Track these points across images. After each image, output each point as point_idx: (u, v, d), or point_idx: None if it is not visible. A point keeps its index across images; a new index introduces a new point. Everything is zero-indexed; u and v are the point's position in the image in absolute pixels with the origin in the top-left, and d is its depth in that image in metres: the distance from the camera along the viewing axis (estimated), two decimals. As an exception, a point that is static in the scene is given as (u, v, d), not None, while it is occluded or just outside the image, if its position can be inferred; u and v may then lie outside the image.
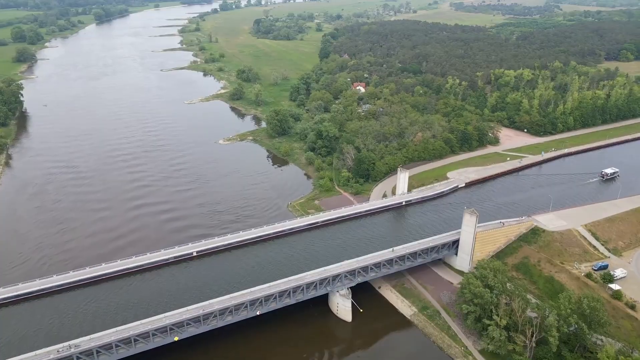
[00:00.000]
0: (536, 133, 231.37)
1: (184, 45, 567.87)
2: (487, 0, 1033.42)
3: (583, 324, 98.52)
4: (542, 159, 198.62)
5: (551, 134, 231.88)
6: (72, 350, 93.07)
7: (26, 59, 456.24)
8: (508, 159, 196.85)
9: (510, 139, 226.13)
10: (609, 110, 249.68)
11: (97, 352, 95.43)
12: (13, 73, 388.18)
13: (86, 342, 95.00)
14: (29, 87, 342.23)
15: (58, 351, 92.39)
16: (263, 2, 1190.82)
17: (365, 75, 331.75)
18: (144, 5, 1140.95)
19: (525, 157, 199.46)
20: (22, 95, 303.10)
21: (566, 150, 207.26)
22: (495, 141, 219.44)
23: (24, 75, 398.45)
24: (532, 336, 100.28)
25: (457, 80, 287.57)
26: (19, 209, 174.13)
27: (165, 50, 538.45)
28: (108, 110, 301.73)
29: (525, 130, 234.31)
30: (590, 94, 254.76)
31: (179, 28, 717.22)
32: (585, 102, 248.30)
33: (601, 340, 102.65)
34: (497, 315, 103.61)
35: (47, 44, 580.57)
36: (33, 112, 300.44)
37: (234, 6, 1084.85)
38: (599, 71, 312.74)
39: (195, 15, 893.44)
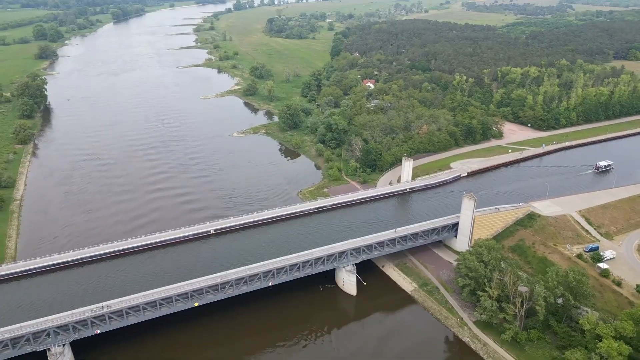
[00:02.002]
0: (539, 128, 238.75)
1: (199, 44, 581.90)
2: (500, 0, 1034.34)
3: (569, 295, 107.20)
4: (542, 151, 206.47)
5: (554, 128, 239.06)
6: (105, 310, 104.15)
7: (48, 56, 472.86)
8: (510, 151, 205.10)
9: (514, 133, 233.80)
10: (612, 106, 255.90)
11: (127, 312, 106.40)
12: (36, 69, 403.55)
13: (117, 303, 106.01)
14: (51, 83, 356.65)
15: (92, 310, 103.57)
16: (276, 2, 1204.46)
17: (375, 72, 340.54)
18: (160, 5, 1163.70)
19: (526, 149, 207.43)
20: (45, 89, 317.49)
21: (567, 144, 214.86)
22: (499, 135, 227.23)
23: (46, 72, 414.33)
24: (521, 306, 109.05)
25: (464, 77, 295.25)
26: (48, 193, 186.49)
27: (180, 48, 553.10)
28: (127, 104, 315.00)
29: (529, 125, 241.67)
30: (594, 91, 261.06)
31: (194, 27, 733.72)
32: (589, 98, 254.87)
33: (586, 311, 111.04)
34: (490, 287, 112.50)
35: (67, 42, 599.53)
36: (56, 105, 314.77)
37: (247, 6, 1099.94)
38: (605, 69, 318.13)
39: (210, 14, 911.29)
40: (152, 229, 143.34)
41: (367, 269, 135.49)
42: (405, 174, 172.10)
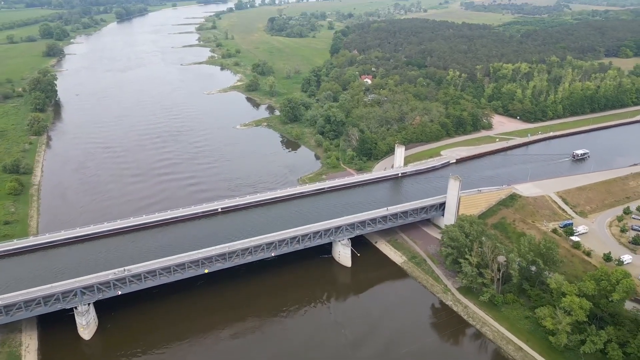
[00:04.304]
0: (527, 120, 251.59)
1: (202, 42, 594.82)
2: (498, 0, 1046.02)
3: (539, 260, 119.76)
4: (528, 140, 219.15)
5: (541, 120, 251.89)
6: (126, 273, 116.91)
7: (55, 54, 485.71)
8: (497, 140, 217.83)
9: (503, 124, 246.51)
10: (598, 100, 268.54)
11: (145, 276, 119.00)
12: (44, 66, 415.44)
13: (136, 268, 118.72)
14: (60, 79, 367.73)
15: (115, 273, 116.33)
16: (277, 1, 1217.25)
17: (373, 68, 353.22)
18: (162, 5, 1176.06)
19: (513, 139, 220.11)
20: (56, 84, 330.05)
21: (551, 134, 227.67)
22: (489, 126, 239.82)
23: (54, 69, 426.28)
24: (498, 271, 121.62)
25: (458, 73, 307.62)
26: (64, 179, 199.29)
27: (184, 46, 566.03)
28: (135, 99, 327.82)
29: (518, 117, 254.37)
30: (581, 85, 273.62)
31: (196, 26, 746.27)
32: (575, 92, 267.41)
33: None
34: (471, 255, 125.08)
35: (72, 41, 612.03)
36: (66, 100, 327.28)
37: (248, 5, 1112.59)
38: (593, 65, 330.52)
39: (212, 14, 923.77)
40: (162, 209, 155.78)
41: (361, 245, 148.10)
42: (397, 160, 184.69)
